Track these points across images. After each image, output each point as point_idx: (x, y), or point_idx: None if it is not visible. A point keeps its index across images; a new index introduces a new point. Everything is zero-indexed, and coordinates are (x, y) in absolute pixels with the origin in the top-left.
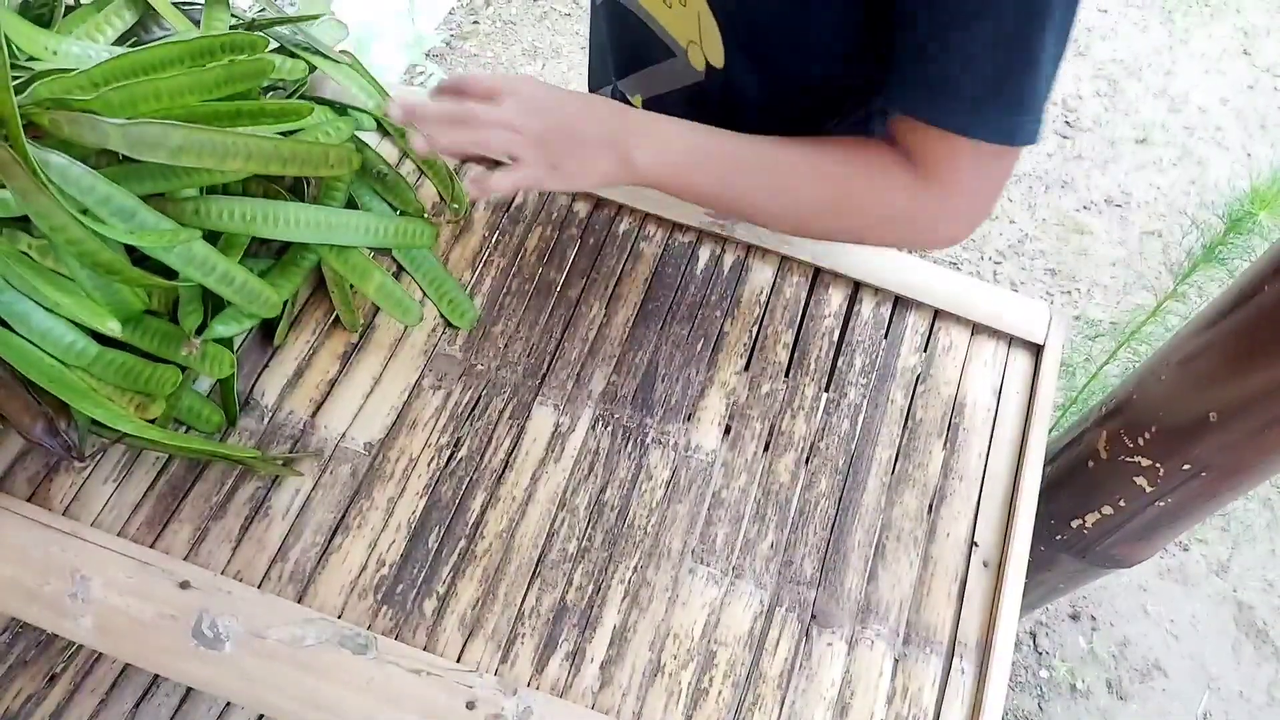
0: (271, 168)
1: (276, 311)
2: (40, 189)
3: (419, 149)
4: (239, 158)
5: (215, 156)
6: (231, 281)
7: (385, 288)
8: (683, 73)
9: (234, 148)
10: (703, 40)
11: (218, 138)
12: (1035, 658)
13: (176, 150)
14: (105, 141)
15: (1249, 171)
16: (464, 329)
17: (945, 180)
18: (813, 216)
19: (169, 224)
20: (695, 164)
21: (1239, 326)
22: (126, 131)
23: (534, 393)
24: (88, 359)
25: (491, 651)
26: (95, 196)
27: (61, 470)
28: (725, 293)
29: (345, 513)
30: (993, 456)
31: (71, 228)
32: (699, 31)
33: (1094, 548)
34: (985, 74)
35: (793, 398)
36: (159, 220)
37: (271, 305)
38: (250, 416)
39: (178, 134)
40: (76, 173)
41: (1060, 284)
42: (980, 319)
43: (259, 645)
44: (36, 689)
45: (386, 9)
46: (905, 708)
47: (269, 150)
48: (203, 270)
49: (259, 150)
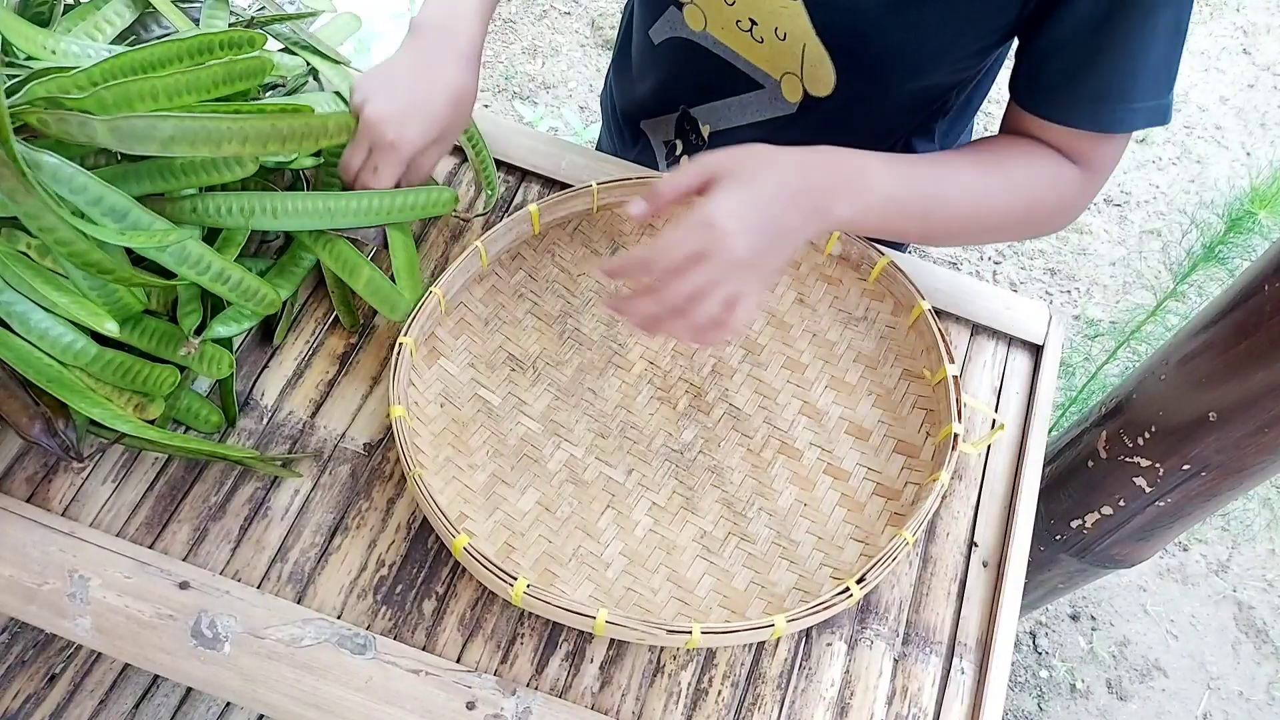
0: (271, 147)
1: (276, 309)
2: (29, 190)
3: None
4: (234, 141)
5: (210, 143)
6: (227, 280)
7: (374, 283)
8: (770, 104)
9: (228, 132)
10: (804, 71)
11: (210, 123)
12: (1035, 657)
13: (168, 140)
14: (95, 138)
15: (1249, 170)
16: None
17: (1101, 169)
18: (1002, 229)
19: (163, 223)
20: (897, 211)
21: (1239, 326)
22: (115, 126)
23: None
24: (86, 359)
25: (491, 651)
26: (87, 197)
27: (60, 470)
28: None
29: (344, 513)
30: (992, 456)
31: (61, 229)
32: (800, 64)
33: (1094, 548)
34: (1150, 70)
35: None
36: (153, 220)
37: (270, 303)
38: (249, 417)
39: (167, 124)
40: (68, 173)
41: (1060, 283)
42: (980, 319)
43: (258, 645)
44: (36, 689)
45: (386, 9)
46: (905, 708)
47: (266, 130)
48: (198, 269)
49: (256, 131)
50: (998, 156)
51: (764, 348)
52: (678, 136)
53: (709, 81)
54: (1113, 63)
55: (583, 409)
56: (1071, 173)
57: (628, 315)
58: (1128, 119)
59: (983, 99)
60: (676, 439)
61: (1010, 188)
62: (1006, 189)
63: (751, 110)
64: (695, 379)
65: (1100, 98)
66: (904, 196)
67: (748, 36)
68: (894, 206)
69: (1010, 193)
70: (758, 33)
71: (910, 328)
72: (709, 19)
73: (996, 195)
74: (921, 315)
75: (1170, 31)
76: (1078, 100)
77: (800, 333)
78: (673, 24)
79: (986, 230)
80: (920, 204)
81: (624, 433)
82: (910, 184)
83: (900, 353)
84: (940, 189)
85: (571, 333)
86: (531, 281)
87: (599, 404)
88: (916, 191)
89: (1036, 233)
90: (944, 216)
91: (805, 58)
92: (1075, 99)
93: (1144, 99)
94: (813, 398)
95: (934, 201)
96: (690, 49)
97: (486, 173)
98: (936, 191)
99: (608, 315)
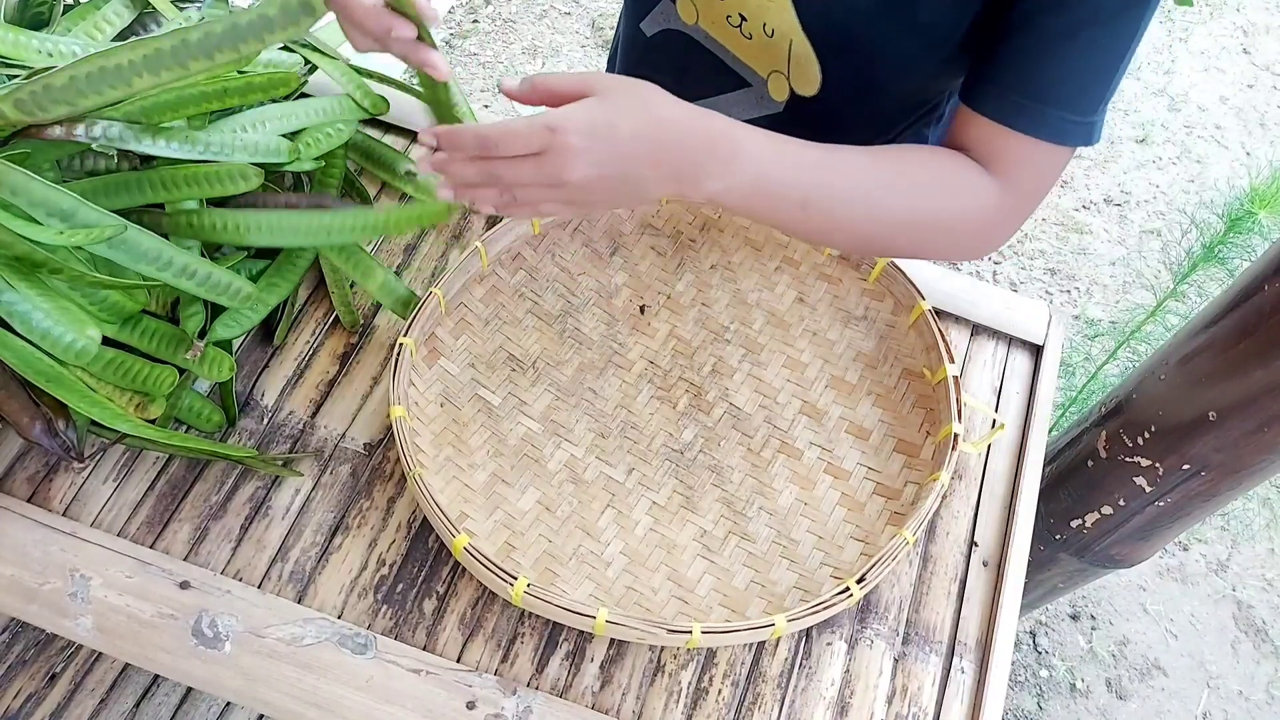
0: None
1: (250, 303)
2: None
3: (440, 196)
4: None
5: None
6: (193, 275)
7: (388, 285)
8: (757, 103)
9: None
10: (791, 70)
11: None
12: (1035, 657)
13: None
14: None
15: (1248, 170)
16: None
17: (1022, 185)
18: (896, 238)
19: (112, 220)
20: (772, 193)
21: (1239, 326)
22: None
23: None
24: (87, 358)
25: (491, 651)
26: (30, 198)
27: (61, 470)
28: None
29: (345, 513)
30: (992, 456)
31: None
32: (787, 62)
33: (1094, 547)
34: (1085, 83)
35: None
36: (101, 218)
37: (244, 296)
38: (250, 416)
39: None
40: (12, 175)
41: (1059, 283)
42: (980, 319)
43: (259, 644)
44: (36, 688)
45: None
46: (905, 707)
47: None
48: (157, 265)
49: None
50: (902, 154)
51: (764, 347)
52: None
53: (698, 77)
54: (1053, 65)
55: (583, 409)
56: (987, 183)
57: (447, 175)
58: (1054, 125)
59: None
60: (676, 438)
61: (909, 187)
62: (905, 188)
63: (738, 109)
64: (695, 378)
65: (1029, 95)
66: (781, 178)
67: (737, 32)
68: (768, 187)
69: (908, 193)
70: (746, 29)
71: (910, 327)
72: (700, 12)
73: (892, 194)
74: (921, 315)
75: (1103, 52)
76: (1006, 92)
77: (800, 332)
78: (666, 16)
79: (880, 234)
80: (799, 190)
81: (624, 432)
82: (791, 167)
83: (900, 352)
84: (827, 178)
85: (571, 332)
86: (531, 281)
87: (599, 404)
88: (796, 175)
89: (944, 249)
90: (828, 209)
91: (792, 55)
92: (1004, 90)
93: (1075, 112)
94: (813, 397)
95: (817, 190)
96: (682, 41)
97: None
98: (821, 180)
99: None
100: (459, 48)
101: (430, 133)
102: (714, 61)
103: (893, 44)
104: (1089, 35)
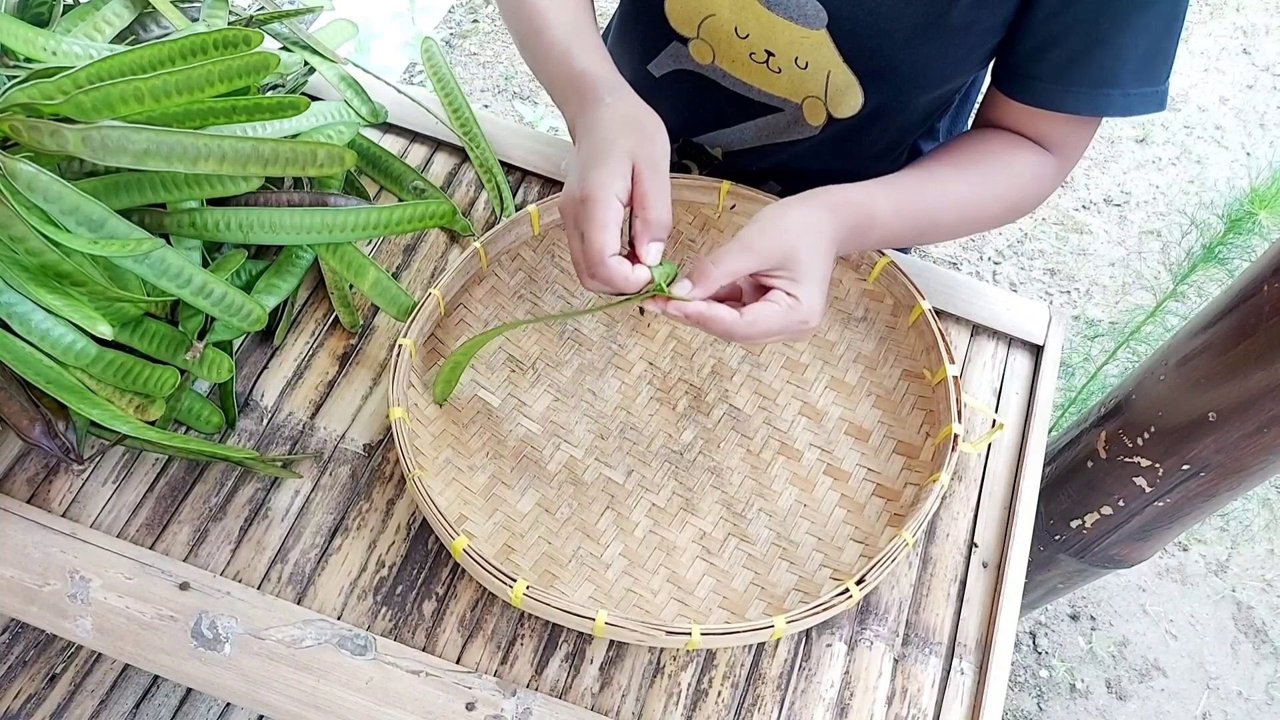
0: (251, 168)
1: (261, 326)
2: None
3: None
4: (212, 159)
5: (185, 159)
6: (209, 294)
7: (381, 284)
8: (790, 127)
9: (205, 150)
10: (829, 97)
11: (186, 140)
12: (1035, 658)
13: (141, 154)
14: (66, 147)
15: (1248, 171)
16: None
17: (1072, 154)
18: (984, 228)
19: (140, 233)
20: (892, 240)
21: (1238, 327)
22: (87, 136)
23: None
24: (87, 360)
25: (491, 652)
26: (62, 205)
27: (61, 471)
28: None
29: (344, 514)
30: (992, 457)
31: (31, 238)
32: (824, 90)
33: (1093, 548)
34: (1141, 62)
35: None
36: (130, 230)
37: (255, 319)
38: (250, 417)
39: (142, 137)
40: (44, 181)
41: (1059, 284)
42: (980, 319)
43: (258, 646)
44: (37, 689)
45: (386, 9)
46: (905, 708)
47: (247, 151)
48: (178, 282)
49: (235, 151)
50: (983, 169)
51: (763, 348)
52: (685, 159)
53: (717, 111)
54: (1104, 48)
55: (582, 410)
56: (1049, 163)
57: (705, 329)
58: (1119, 103)
59: (979, 91)
60: (676, 440)
61: (997, 197)
62: (994, 199)
63: (769, 133)
64: (695, 380)
65: (1093, 83)
66: (901, 230)
67: (763, 68)
68: (891, 239)
69: (996, 201)
70: (775, 63)
71: (910, 328)
72: (718, 53)
73: (985, 206)
74: (921, 315)
75: (1165, 19)
76: (1069, 86)
77: None
78: (676, 58)
79: (971, 232)
80: (914, 231)
81: (624, 434)
82: (908, 218)
83: (900, 353)
84: (933, 216)
85: (571, 334)
86: (531, 282)
87: (599, 405)
88: (912, 220)
89: (1013, 220)
90: (934, 234)
91: (830, 84)
92: (1067, 85)
93: (1136, 85)
94: (812, 398)
95: (927, 223)
96: (696, 81)
97: (502, 197)
98: (930, 217)
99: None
100: (459, 48)
101: (682, 313)
102: (734, 96)
103: (934, 62)
104: (1138, 15)
